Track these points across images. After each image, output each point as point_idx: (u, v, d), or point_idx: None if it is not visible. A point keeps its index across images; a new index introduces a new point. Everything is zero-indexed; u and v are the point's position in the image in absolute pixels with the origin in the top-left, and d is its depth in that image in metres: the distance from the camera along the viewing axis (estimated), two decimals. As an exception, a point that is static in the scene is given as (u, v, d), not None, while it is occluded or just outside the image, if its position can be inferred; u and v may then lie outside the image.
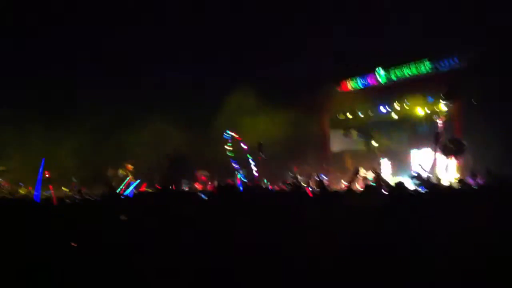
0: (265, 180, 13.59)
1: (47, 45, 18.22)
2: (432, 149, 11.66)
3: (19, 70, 17.51)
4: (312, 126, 19.37)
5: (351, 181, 8.08)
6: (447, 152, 9.29)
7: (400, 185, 6.02)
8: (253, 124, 17.35)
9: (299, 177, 16.67)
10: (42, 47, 18.23)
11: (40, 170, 10.05)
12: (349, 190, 6.90)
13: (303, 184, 13.12)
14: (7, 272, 3.58)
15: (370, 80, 18.58)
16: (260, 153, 16.00)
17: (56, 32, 18.32)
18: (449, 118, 14.66)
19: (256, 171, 16.37)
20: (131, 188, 12.89)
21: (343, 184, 14.87)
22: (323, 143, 20.05)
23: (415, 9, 16.50)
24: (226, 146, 17.65)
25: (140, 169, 17.58)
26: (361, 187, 9.19)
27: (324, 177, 16.44)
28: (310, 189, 11.10)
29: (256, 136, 16.78)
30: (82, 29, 18.52)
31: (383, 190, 6.49)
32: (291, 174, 17.13)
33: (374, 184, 7.89)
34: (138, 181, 14.04)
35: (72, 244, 4.09)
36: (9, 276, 3.55)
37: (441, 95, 11.50)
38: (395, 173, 16.44)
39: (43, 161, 10.12)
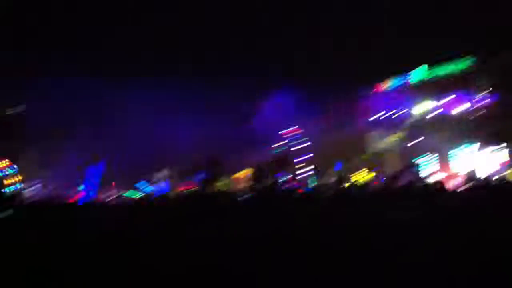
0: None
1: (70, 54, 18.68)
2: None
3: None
4: (351, 127, 19.19)
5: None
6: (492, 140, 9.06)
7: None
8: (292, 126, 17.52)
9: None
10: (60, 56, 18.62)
11: (96, 170, 10.00)
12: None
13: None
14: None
15: (408, 80, 18.29)
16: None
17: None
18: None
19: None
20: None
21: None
22: (361, 143, 19.76)
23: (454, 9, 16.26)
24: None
25: (181, 170, 17.80)
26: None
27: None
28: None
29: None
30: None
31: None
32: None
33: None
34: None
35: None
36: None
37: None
38: (437, 170, 16.05)
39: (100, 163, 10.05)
